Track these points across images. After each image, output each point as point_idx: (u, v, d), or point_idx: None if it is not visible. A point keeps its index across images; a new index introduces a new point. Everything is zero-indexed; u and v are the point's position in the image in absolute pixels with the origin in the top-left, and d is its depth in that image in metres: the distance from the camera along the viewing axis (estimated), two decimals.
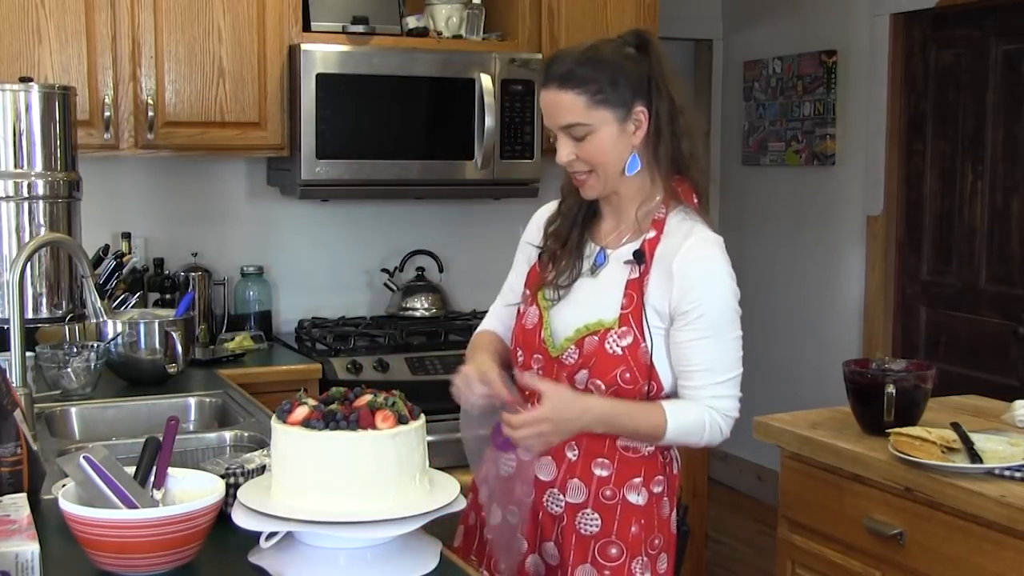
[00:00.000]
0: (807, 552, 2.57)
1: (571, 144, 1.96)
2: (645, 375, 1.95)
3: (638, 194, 2.02)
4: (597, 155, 1.95)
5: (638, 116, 1.95)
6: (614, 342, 1.95)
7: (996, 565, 2.10)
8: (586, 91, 1.92)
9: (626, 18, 3.89)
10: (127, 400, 2.73)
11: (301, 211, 3.85)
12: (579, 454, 2.00)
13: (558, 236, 2.08)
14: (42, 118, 2.61)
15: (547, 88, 1.95)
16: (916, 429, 2.30)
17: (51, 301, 2.65)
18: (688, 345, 1.94)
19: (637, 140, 1.96)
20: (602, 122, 1.93)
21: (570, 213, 2.09)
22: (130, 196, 3.66)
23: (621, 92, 1.93)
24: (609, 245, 2.04)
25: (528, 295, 2.09)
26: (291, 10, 3.49)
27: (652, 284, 1.96)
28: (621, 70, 1.94)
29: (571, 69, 1.92)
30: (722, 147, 5.64)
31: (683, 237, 1.97)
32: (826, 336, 4.95)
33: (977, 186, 4.32)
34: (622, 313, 1.96)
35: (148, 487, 1.71)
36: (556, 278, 2.04)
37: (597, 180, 1.98)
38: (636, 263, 1.97)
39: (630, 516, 1.99)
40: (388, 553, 1.60)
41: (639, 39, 2.00)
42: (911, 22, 4.55)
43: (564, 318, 2.01)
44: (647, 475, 2.01)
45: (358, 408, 1.61)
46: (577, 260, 2.05)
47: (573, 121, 1.94)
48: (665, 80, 1.97)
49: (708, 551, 4.18)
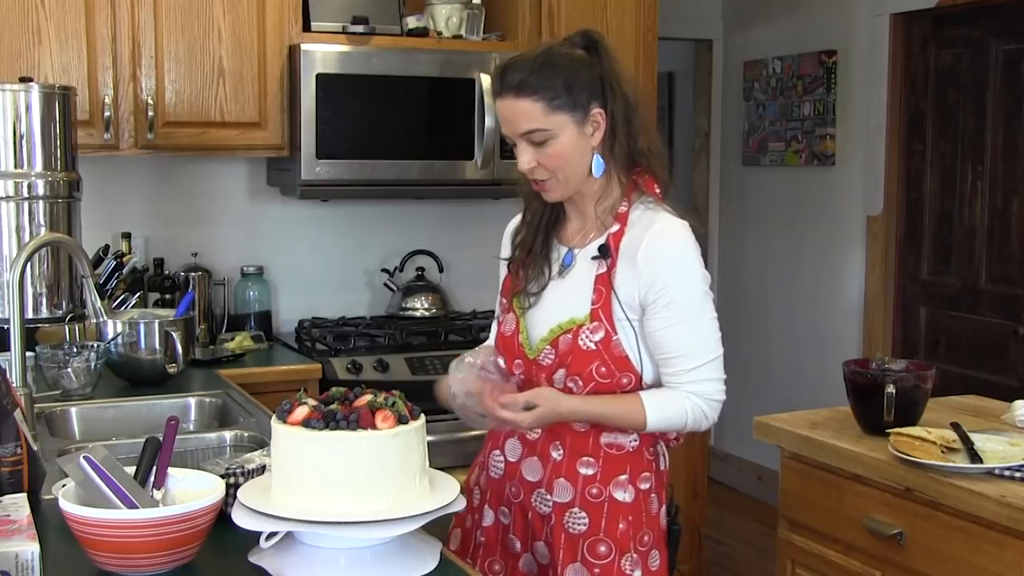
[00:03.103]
0: (807, 552, 2.57)
1: (532, 151, 1.96)
2: (621, 367, 1.96)
3: (599, 192, 2.02)
4: (558, 160, 1.96)
5: (595, 118, 1.96)
6: (587, 337, 1.96)
7: (996, 565, 2.10)
8: (542, 98, 1.92)
9: (626, 18, 3.89)
10: (127, 400, 2.73)
11: (301, 211, 3.85)
12: (564, 453, 2.01)
13: (524, 245, 2.11)
14: (42, 118, 2.61)
15: (503, 98, 1.96)
16: (916, 429, 2.30)
17: (51, 301, 2.65)
18: (662, 333, 1.95)
19: (596, 141, 1.97)
20: (561, 127, 1.94)
21: (534, 220, 2.10)
22: (130, 196, 3.66)
23: (577, 95, 1.94)
24: (576, 245, 2.05)
25: (505, 304, 2.12)
26: (291, 10, 3.49)
27: (620, 276, 1.97)
28: (575, 73, 1.94)
29: (525, 77, 1.93)
30: (722, 147, 5.63)
31: (646, 226, 1.98)
32: (826, 336, 4.95)
33: (977, 186, 4.32)
34: (593, 308, 1.97)
35: (148, 487, 1.71)
36: (527, 285, 2.06)
37: (558, 184, 1.99)
38: (602, 258, 1.98)
39: (618, 513, 2.00)
40: (388, 553, 1.60)
41: (588, 40, 2.01)
42: (911, 22, 4.55)
43: (539, 320, 2.03)
44: (633, 472, 2.02)
45: (358, 408, 1.61)
46: (545, 265, 2.07)
47: (532, 127, 1.94)
48: (617, 79, 1.98)
49: (708, 551, 4.17)
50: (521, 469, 2.05)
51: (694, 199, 5.79)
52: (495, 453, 2.11)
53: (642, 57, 3.93)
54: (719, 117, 5.65)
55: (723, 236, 5.60)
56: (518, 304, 2.08)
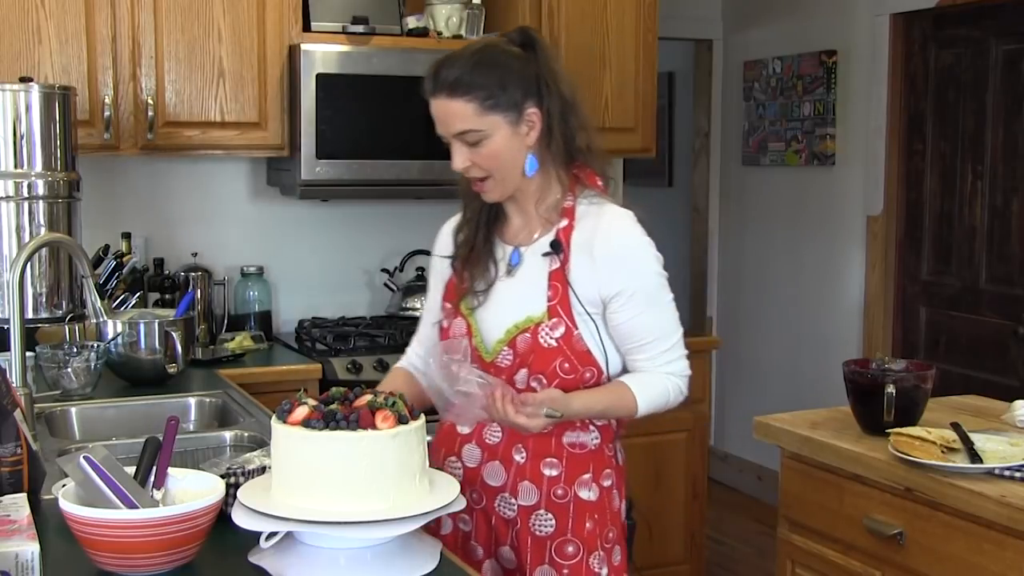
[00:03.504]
0: (807, 552, 2.57)
1: (466, 151, 1.94)
2: (583, 362, 1.96)
3: (538, 191, 2.01)
4: (493, 160, 1.94)
5: (530, 117, 1.94)
6: (547, 335, 1.95)
7: (996, 565, 2.10)
8: (476, 98, 1.90)
9: (626, 18, 3.90)
10: (127, 400, 2.73)
11: (301, 211, 3.85)
12: (527, 456, 2.00)
13: (467, 242, 2.08)
14: (42, 118, 2.61)
15: (436, 97, 1.94)
16: (916, 429, 2.30)
17: (51, 301, 2.65)
18: (632, 323, 1.96)
19: (531, 140, 1.96)
20: (494, 127, 1.92)
21: (474, 217, 2.08)
22: (130, 196, 3.66)
23: (511, 94, 1.92)
24: (522, 243, 2.04)
25: (450, 308, 2.08)
26: (291, 10, 3.48)
27: (576, 271, 1.96)
28: (510, 72, 1.93)
29: (459, 76, 1.91)
30: (722, 147, 5.63)
31: (597, 220, 1.98)
32: (826, 336, 4.95)
33: (977, 186, 4.32)
34: (550, 305, 1.96)
35: (148, 487, 1.71)
36: (473, 284, 2.04)
37: (495, 184, 1.98)
38: (554, 253, 1.97)
39: (584, 512, 2.01)
40: (388, 553, 1.60)
41: (525, 37, 1.99)
42: (911, 22, 4.55)
43: (492, 321, 2.01)
44: (596, 470, 2.03)
45: (358, 408, 1.61)
46: (490, 263, 2.04)
47: (465, 128, 1.92)
48: (554, 77, 1.96)
49: (708, 551, 4.18)
50: (482, 474, 2.03)
51: (694, 199, 5.79)
52: (451, 460, 2.08)
53: (642, 57, 3.93)
54: (719, 117, 5.65)
55: (723, 236, 5.60)
56: (466, 306, 2.05)
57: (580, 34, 3.84)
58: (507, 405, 1.87)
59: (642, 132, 3.98)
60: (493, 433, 2.03)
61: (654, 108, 4.01)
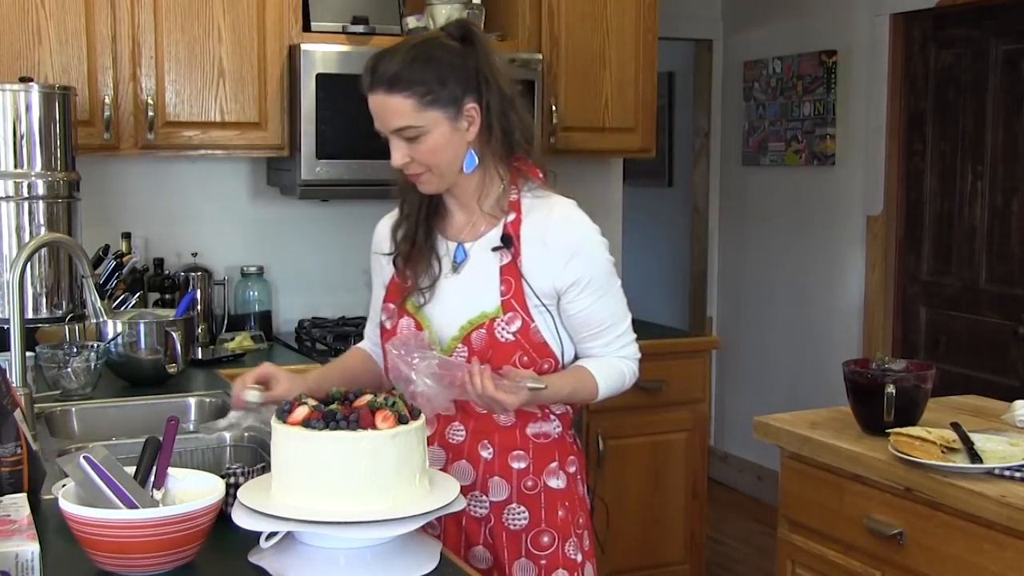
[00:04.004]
0: (807, 552, 2.57)
1: (405, 147, 1.92)
2: (541, 354, 1.96)
3: (480, 186, 2.00)
4: (432, 156, 1.92)
5: (470, 113, 1.92)
6: (503, 329, 1.95)
7: (996, 565, 2.10)
8: (414, 93, 1.88)
9: (626, 18, 3.90)
10: (127, 400, 2.73)
11: (301, 211, 3.85)
12: (494, 451, 2.00)
13: (407, 238, 2.05)
14: (42, 118, 2.61)
15: (374, 92, 1.91)
16: (916, 429, 2.30)
17: (51, 301, 2.65)
18: (589, 311, 1.98)
19: (471, 136, 1.94)
20: (434, 123, 1.90)
21: (412, 213, 2.06)
22: (130, 196, 3.66)
23: (451, 90, 1.90)
24: (466, 239, 2.02)
25: (393, 308, 2.06)
26: (291, 10, 3.48)
27: (529, 264, 1.95)
28: (449, 67, 1.90)
29: (398, 71, 1.88)
30: (722, 147, 5.63)
31: (546, 211, 1.98)
32: (826, 336, 4.95)
33: (977, 186, 4.32)
34: (503, 299, 1.95)
35: (148, 487, 1.71)
36: (417, 281, 2.02)
37: (433, 177, 1.95)
38: (505, 247, 1.96)
39: (555, 501, 2.02)
40: (388, 553, 1.60)
41: (463, 31, 1.97)
42: (911, 22, 4.55)
43: (443, 319, 1.99)
44: (561, 458, 2.04)
45: (358, 408, 1.61)
46: (433, 259, 2.02)
47: (404, 124, 1.90)
48: (493, 72, 1.94)
49: (708, 551, 4.17)
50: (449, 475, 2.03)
51: (694, 199, 5.79)
52: None
53: (642, 57, 3.93)
54: (719, 117, 5.65)
55: (723, 236, 5.60)
56: (412, 304, 2.03)
57: (580, 34, 3.84)
58: (486, 380, 1.85)
59: (642, 132, 3.98)
60: (455, 432, 2.02)
61: (654, 108, 4.01)
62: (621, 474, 3.75)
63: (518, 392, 1.87)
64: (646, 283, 6.20)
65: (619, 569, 3.79)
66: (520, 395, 1.87)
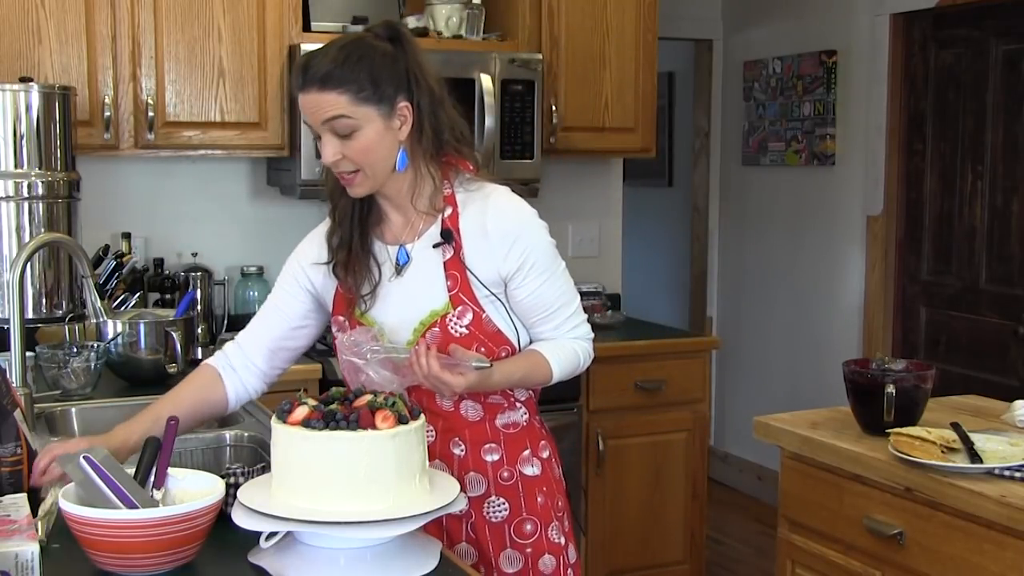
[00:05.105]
0: (807, 552, 2.57)
1: (337, 143, 1.90)
2: (497, 343, 1.97)
3: (412, 185, 1.98)
4: (364, 154, 1.90)
5: (402, 112, 1.91)
6: (456, 323, 1.95)
7: (996, 565, 2.10)
8: (348, 91, 1.86)
9: (626, 18, 3.90)
10: (127, 400, 2.73)
11: (301, 211, 3.85)
12: (466, 447, 2.00)
13: (343, 245, 2.03)
14: (42, 118, 2.61)
15: (306, 92, 1.89)
16: (916, 429, 2.30)
17: (51, 301, 2.65)
18: (535, 295, 1.97)
19: (403, 135, 1.93)
20: (367, 119, 1.88)
21: (345, 218, 2.04)
22: (130, 196, 3.66)
23: (383, 89, 1.89)
24: (406, 241, 2.01)
25: (343, 320, 2.04)
26: (291, 10, 3.49)
27: (472, 255, 1.95)
28: (381, 66, 1.90)
29: (330, 71, 1.87)
30: (722, 147, 5.63)
31: (482, 202, 1.98)
32: (826, 336, 4.95)
33: (977, 186, 4.32)
34: (451, 295, 1.95)
35: (148, 487, 1.71)
36: (358, 289, 2.00)
37: (365, 178, 1.93)
38: (446, 243, 1.96)
39: (532, 488, 2.02)
40: (388, 553, 1.60)
41: (391, 31, 1.96)
42: (911, 22, 4.55)
43: (396, 323, 1.98)
44: (532, 444, 2.04)
45: (358, 408, 1.61)
46: (372, 264, 2.01)
47: (337, 113, 1.87)
48: (422, 71, 1.94)
49: (708, 551, 4.17)
50: None
51: (694, 199, 5.79)
52: None
53: (642, 57, 3.94)
54: (719, 117, 5.65)
55: (723, 236, 5.60)
56: (359, 311, 2.01)
57: (580, 34, 3.84)
58: (432, 360, 1.84)
59: (642, 132, 3.98)
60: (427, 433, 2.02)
61: (654, 108, 4.01)
62: (621, 474, 3.75)
63: (465, 373, 1.87)
64: (646, 283, 6.20)
65: (619, 569, 3.79)
66: (468, 377, 1.87)
